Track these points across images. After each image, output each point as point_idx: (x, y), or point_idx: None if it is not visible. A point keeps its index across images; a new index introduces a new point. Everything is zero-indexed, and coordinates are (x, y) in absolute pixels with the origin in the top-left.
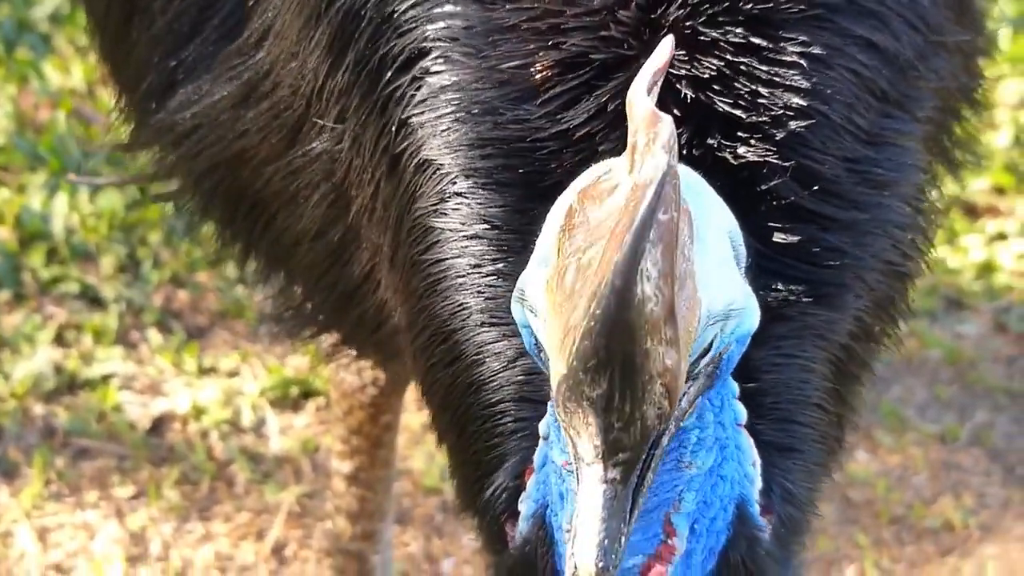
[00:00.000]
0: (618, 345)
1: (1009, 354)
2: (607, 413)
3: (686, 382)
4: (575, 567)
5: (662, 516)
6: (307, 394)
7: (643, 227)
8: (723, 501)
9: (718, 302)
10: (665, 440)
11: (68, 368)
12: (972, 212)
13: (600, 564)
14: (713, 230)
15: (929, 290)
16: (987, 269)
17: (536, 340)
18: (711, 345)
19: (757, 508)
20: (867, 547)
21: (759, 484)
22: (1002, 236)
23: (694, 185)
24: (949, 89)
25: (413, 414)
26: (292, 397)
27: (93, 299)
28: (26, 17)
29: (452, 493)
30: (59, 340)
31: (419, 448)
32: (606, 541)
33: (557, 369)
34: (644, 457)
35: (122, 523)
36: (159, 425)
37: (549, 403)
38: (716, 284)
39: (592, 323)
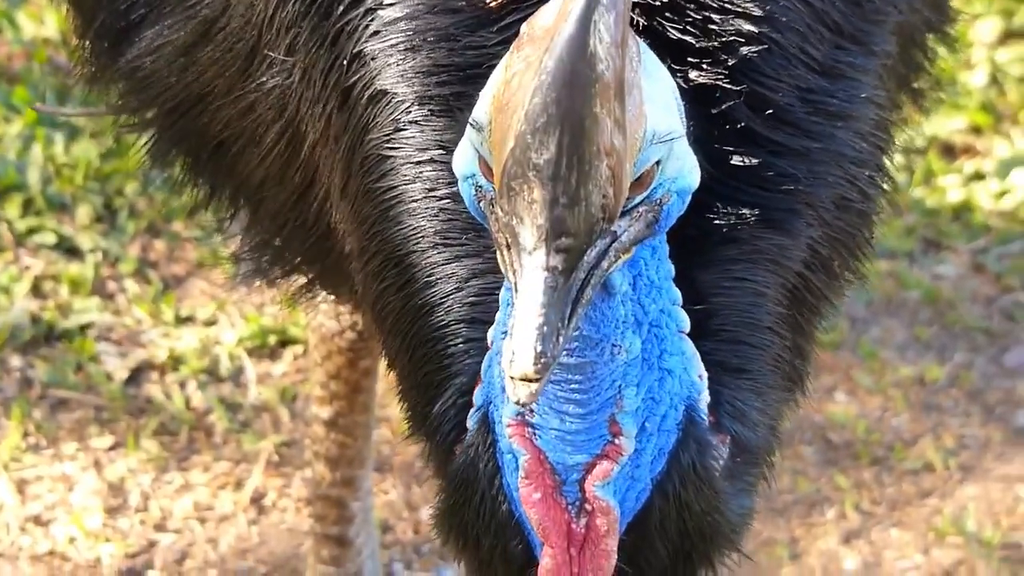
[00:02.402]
0: (567, 100)
1: (987, 294)
2: (553, 182)
3: (623, 217)
4: (512, 355)
5: (607, 417)
6: (285, 343)
7: None
8: (672, 399)
9: (662, 124)
10: (605, 264)
11: (45, 319)
12: (949, 152)
13: (539, 349)
14: (659, 77)
15: (907, 231)
16: (965, 209)
17: (477, 186)
18: (652, 178)
19: (706, 415)
20: (847, 489)
21: (706, 397)
22: (979, 176)
23: (644, 47)
24: (912, 23)
25: None
26: (270, 346)
27: (69, 249)
28: None
29: (425, 445)
30: (35, 291)
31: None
32: (545, 328)
33: (502, 157)
34: (586, 260)
35: (100, 474)
36: (137, 375)
37: (502, 294)
38: (661, 109)
39: (544, 76)
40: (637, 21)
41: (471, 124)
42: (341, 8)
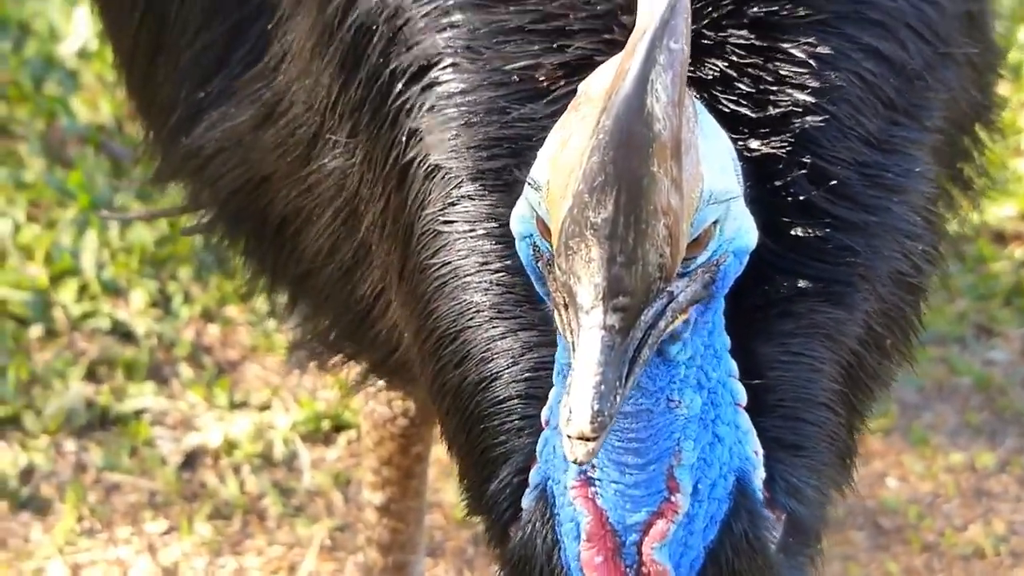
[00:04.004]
0: (625, 160)
1: None
2: (611, 241)
3: (681, 278)
4: (569, 414)
5: (665, 469)
6: (338, 427)
7: (656, 39)
8: (722, 467)
9: (719, 184)
10: (662, 324)
11: (100, 403)
12: (1000, 239)
13: (596, 407)
14: (715, 137)
15: (958, 316)
16: (1016, 295)
17: (534, 246)
18: (708, 240)
19: (760, 490)
20: (898, 575)
21: (762, 472)
22: None
23: (701, 108)
24: (958, 102)
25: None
26: (323, 431)
27: (124, 334)
28: (53, 53)
29: (482, 525)
30: (91, 375)
31: (451, 480)
32: (603, 387)
33: (559, 216)
34: (643, 319)
35: (155, 558)
36: (191, 460)
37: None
38: (718, 170)
39: (601, 136)
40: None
41: (529, 183)
42: (399, 86)
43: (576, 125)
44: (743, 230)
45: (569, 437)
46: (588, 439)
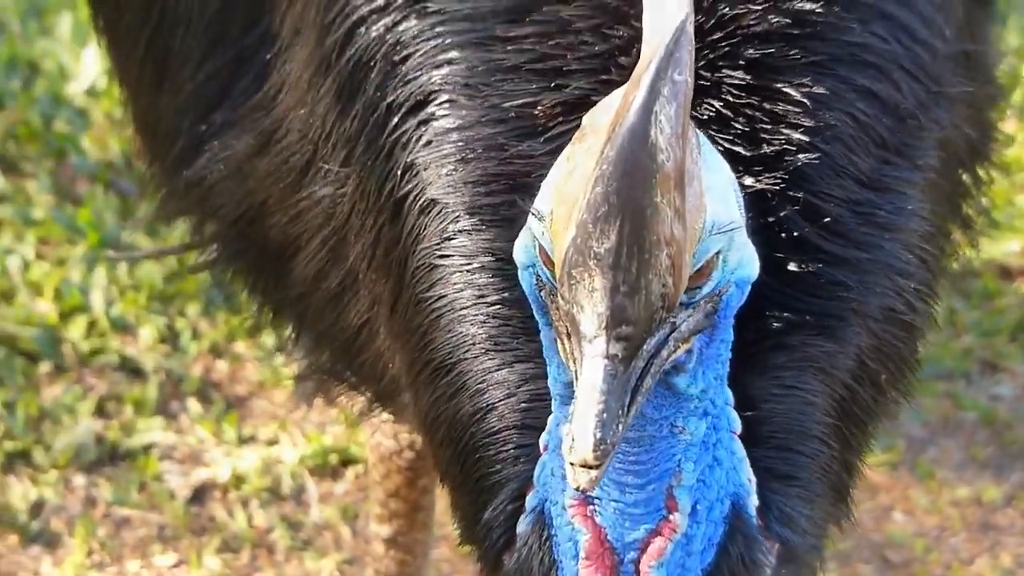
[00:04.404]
0: (629, 190)
1: None
2: (614, 271)
3: (685, 308)
4: (572, 442)
5: (664, 489)
6: (346, 461)
7: (660, 70)
8: (719, 489)
9: (722, 214)
10: (665, 353)
11: (109, 439)
12: (1006, 274)
13: (599, 436)
14: (718, 168)
15: (964, 352)
16: (1022, 331)
17: (537, 276)
18: (711, 270)
19: (754, 515)
20: None
21: (755, 499)
22: None
23: (704, 139)
24: (953, 140)
25: None
26: (331, 465)
27: (133, 370)
28: (62, 92)
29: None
30: (100, 411)
31: None
32: (605, 415)
33: (563, 245)
34: (646, 348)
35: None
36: (200, 494)
37: (551, 383)
38: (720, 200)
39: (605, 166)
40: None
41: (533, 214)
42: (396, 120)
43: (581, 156)
44: (745, 260)
45: (572, 464)
46: (591, 467)
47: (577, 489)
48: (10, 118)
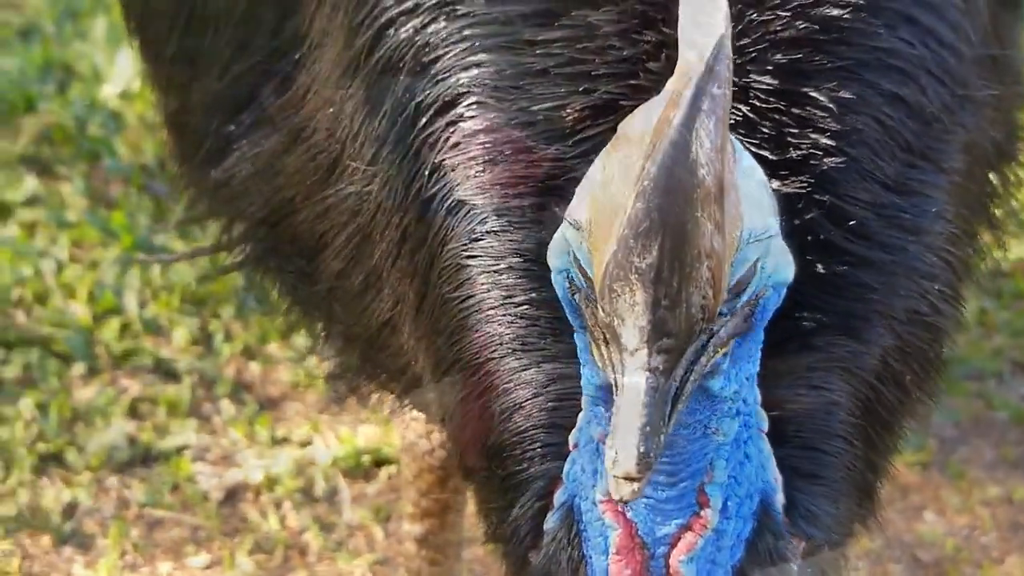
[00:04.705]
0: (670, 206)
1: None
2: (655, 285)
3: (723, 316)
4: (615, 455)
5: (696, 486)
6: (379, 462)
7: (702, 86)
8: (749, 486)
9: (758, 222)
10: (704, 360)
11: (142, 440)
12: None
13: (642, 450)
14: (752, 175)
15: (995, 352)
16: None
17: (570, 281)
18: (750, 278)
19: (781, 512)
20: None
21: (781, 497)
22: None
23: (739, 146)
24: (978, 143)
25: None
26: (364, 466)
27: (166, 372)
28: (97, 95)
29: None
30: (133, 413)
31: None
32: (648, 428)
33: (603, 258)
34: (686, 356)
35: None
36: (232, 496)
37: (584, 401)
38: (756, 208)
39: (646, 183)
40: None
41: (569, 222)
42: (424, 120)
43: (616, 167)
44: (782, 264)
45: (615, 477)
46: (634, 479)
47: (620, 501)
48: (44, 121)
